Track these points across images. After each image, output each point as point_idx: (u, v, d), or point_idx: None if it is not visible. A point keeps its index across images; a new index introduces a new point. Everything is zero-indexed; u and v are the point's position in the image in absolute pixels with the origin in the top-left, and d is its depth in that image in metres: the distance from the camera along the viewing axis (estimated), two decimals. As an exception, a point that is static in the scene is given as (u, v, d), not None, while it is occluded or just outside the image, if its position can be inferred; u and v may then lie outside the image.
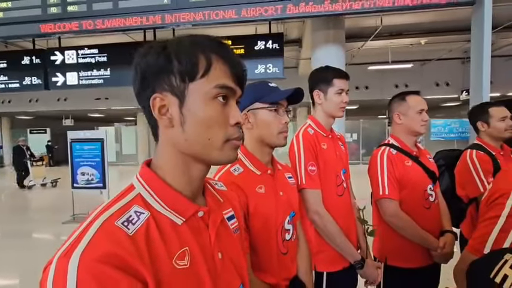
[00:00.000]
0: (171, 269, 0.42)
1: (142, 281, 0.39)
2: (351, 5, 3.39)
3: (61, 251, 0.39)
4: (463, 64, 9.13)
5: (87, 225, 0.41)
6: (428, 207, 1.36)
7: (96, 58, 4.97)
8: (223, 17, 3.71)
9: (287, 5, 3.51)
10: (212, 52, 0.47)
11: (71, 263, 0.36)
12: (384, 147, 1.42)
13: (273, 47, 4.68)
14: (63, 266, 0.37)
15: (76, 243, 0.38)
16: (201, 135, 0.47)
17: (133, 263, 0.39)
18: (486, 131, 1.71)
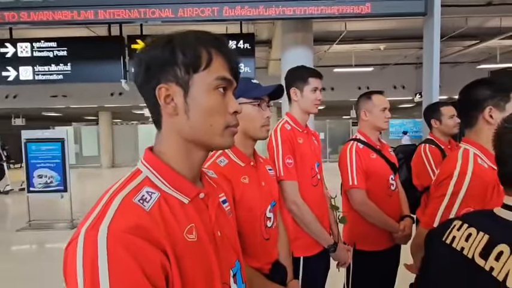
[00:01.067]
0: (184, 242, 0.47)
1: (163, 252, 0.43)
2: (283, 10, 3.54)
3: (86, 224, 0.41)
4: (417, 69, 10.00)
5: (107, 202, 0.44)
6: (390, 196, 1.52)
7: (55, 52, 4.62)
8: (159, 16, 3.60)
9: (223, 7, 3.54)
10: (213, 47, 0.51)
11: (100, 234, 0.39)
12: (352, 142, 1.55)
13: (245, 47, 4.75)
14: (93, 238, 0.39)
15: (101, 217, 0.41)
16: (204, 122, 0.51)
17: (155, 235, 0.42)
18: (438, 127, 1.94)
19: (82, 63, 4.62)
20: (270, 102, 0.99)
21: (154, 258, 0.41)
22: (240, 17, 3.61)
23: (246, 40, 4.75)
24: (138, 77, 0.52)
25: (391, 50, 8.28)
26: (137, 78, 0.52)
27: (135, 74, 0.53)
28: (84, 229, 0.41)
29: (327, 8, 3.57)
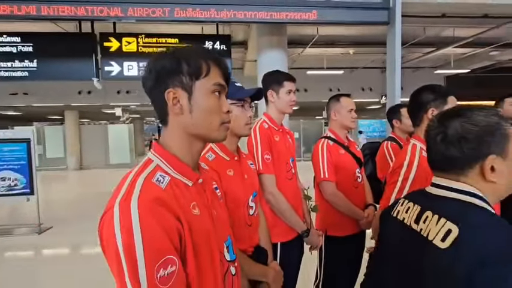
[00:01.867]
0: (191, 214, 0.58)
1: (178, 219, 0.55)
2: (234, 14, 3.68)
3: (118, 198, 0.52)
4: (382, 73, 10.66)
5: (132, 181, 0.55)
6: (357, 187, 1.70)
7: (19, 47, 4.38)
8: (107, 14, 3.59)
9: (175, 9, 3.62)
10: (210, 59, 0.63)
11: (132, 204, 0.51)
12: (323, 140, 1.72)
13: (221, 48, 4.82)
14: (126, 207, 0.50)
15: (130, 192, 0.52)
16: (205, 120, 0.63)
17: (172, 206, 0.54)
18: (399, 126, 2.19)
19: (49, 60, 4.43)
20: (251, 103, 1.11)
21: (172, 223, 0.53)
22: (191, 18, 3.65)
23: (223, 41, 4.84)
24: (147, 83, 0.63)
25: (360, 55, 8.77)
26: (147, 84, 0.63)
27: (144, 80, 0.63)
28: (118, 201, 0.52)
29: (276, 13, 3.74)
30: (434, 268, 0.59)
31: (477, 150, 0.61)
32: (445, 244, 0.58)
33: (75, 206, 6.28)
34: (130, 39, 4.66)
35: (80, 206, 6.18)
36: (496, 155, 0.61)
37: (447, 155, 0.64)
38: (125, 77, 4.70)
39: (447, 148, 0.64)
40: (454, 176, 0.65)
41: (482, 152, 0.61)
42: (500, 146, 0.61)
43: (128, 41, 4.66)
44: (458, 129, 0.63)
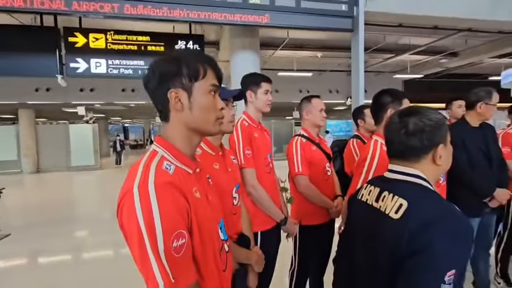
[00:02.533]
0: (194, 197, 0.67)
1: (186, 200, 0.64)
2: (187, 13, 3.58)
3: (136, 182, 0.60)
4: (348, 76, 11.28)
5: (145, 168, 0.63)
6: (327, 180, 1.88)
7: (-33, 40, 4.02)
8: (49, 7, 3.38)
9: (124, 5, 3.53)
10: (206, 63, 0.72)
11: (149, 186, 0.59)
12: (297, 137, 1.87)
13: (194, 47, 4.82)
14: (145, 189, 0.58)
15: (146, 177, 0.60)
16: (203, 116, 0.72)
17: (181, 188, 0.63)
18: (363, 126, 2.41)
19: (5, 54, 4.11)
20: (233, 102, 1.21)
21: (182, 203, 0.62)
22: (142, 16, 3.58)
23: (196, 41, 4.84)
24: (150, 83, 0.70)
25: (327, 58, 9.22)
26: (149, 84, 0.71)
27: (147, 81, 0.71)
28: (136, 185, 0.60)
29: (230, 15, 3.75)
30: (389, 234, 0.74)
31: (432, 140, 0.78)
32: (398, 215, 0.73)
33: (34, 212, 5.87)
34: (98, 35, 4.49)
35: (39, 211, 5.81)
36: (443, 144, 0.78)
37: (409, 145, 0.80)
38: (93, 74, 4.51)
39: (409, 139, 0.79)
40: (408, 163, 0.81)
41: (435, 141, 0.78)
42: (445, 136, 0.78)
43: (95, 37, 4.48)
44: (418, 124, 0.78)
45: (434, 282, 0.62)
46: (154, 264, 0.58)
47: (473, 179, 1.98)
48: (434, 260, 0.63)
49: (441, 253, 0.63)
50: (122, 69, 4.56)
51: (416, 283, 0.65)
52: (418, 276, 0.65)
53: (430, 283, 0.63)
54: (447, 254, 0.63)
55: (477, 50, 8.25)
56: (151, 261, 0.58)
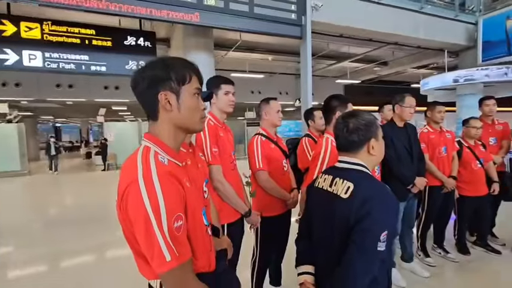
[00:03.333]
0: (186, 186, 0.76)
1: (182, 187, 0.72)
2: (107, 5, 3.56)
3: (139, 174, 0.66)
4: (296, 79, 12.00)
5: (145, 161, 0.71)
6: (284, 174, 2.07)
7: None
8: None
9: None
10: (191, 69, 0.81)
11: (153, 176, 0.67)
12: (257, 136, 2.03)
13: (145, 44, 4.68)
14: (149, 178, 0.66)
15: (148, 168, 0.67)
16: (190, 115, 0.81)
17: (177, 177, 0.71)
18: (313, 125, 2.68)
19: None
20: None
21: (180, 189, 0.71)
22: (57, 4, 3.38)
23: (147, 38, 4.69)
24: (140, 86, 0.78)
25: (277, 62, 9.68)
26: (139, 87, 0.78)
27: (136, 83, 0.78)
28: (140, 175, 0.68)
29: (156, 10, 3.75)
30: (341, 210, 0.93)
31: (366, 136, 1.00)
32: (347, 195, 0.93)
33: None
34: (32, 25, 4.04)
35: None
36: (374, 138, 1.00)
37: (350, 140, 1.01)
38: (26, 67, 4.05)
39: (350, 135, 1.00)
40: (351, 154, 1.02)
41: (368, 136, 1.00)
42: (376, 132, 1.01)
43: (28, 26, 4.02)
44: (356, 124, 1.00)
45: (373, 240, 0.83)
46: (161, 242, 0.67)
47: (399, 171, 2.39)
48: (373, 224, 0.84)
49: (377, 219, 0.85)
50: (62, 63, 4.18)
51: (360, 243, 0.85)
52: (362, 238, 0.85)
53: (370, 242, 0.84)
54: (381, 220, 0.85)
55: (402, 61, 9.58)
56: (158, 239, 0.67)
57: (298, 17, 4.73)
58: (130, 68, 4.48)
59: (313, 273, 1.07)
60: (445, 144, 2.79)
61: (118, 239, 3.07)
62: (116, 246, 3.54)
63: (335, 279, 0.89)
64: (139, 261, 0.78)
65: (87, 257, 3.39)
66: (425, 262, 2.83)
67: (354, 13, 5.48)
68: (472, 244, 3.15)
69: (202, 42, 4.90)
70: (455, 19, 6.76)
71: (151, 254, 0.68)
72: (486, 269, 2.73)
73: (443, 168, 2.75)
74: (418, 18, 6.27)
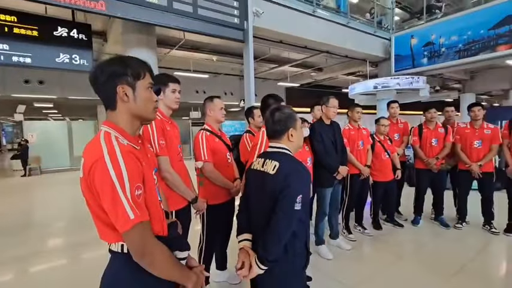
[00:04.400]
0: (143, 164, 0.89)
1: (141, 165, 0.86)
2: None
3: (105, 151, 0.79)
4: (240, 80, 12.34)
5: (108, 142, 0.84)
6: (228, 166, 2.29)
7: None
8: None
9: None
10: (144, 67, 0.96)
11: (117, 153, 0.80)
12: (202, 131, 2.20)
13: (79, 37, 4.39)
14: (114, 155, 0.79)
15: (112, 147, 0.81)
16: (144, 106, 0.95)
17: (137, 156, 0.84)
18: (253, 122, 2.95)
19: None
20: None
21: (139, 165, 0.85)
22: None
23: (81, 30, 4.40)
24: (99, 80, 0.89)
25: (222, 62, 9.84)
26: (98, 80, 0.90)
27: (95, 77, 0.90)
28: (106, 153, 0.80)
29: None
30: (270, 184, 1.18)
31: (286, 125, 1.27)
32: (274, 171, 1.19)
33: None
34: None
35: None
36: (293, 128, 1.29)
37: (275, 129, 1.27)
38: None
39: (275, 125, 1.26)
40: (277, 140, 1.29)
41: (288, 126, 1.27)
42: (294, 123, 1.29)
43: None
44: (278, 116, 1.27)
45: (292, 202, 1.10)
46: (125, 204, 0.81)
47: (326, 161, 2.83)
48: (291, 191, 1.12)
49: (295, 187, 1.12)
50: (-26, 52, 3.65)
51: (283, 205, 1.11)
52: (284, 201, 1.11)
53: (290, 203, 1.11)
54: (298, 187, 1.13)
55: (334, 68, 10.70)
56: (123, 203, 0.80)
57: (240, 22, 4.99)
58: (62, 61, 4.14)
59: (251, 240, 1.30)
60: (362, 139, 3.36)
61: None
62: (33, 260, 3.28)
63: (265, 235, 1.14)
64: (102, 228, 0.89)
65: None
66: (348, 238, 3.36)
67: (292, 22, 6.01)
68: (384, 221, 3.84)
69: (145, 39, 4.80)
70: (375, 34, 7.91)
71: (116, 216, 0.81)
72: (393, 239, 3.38)
73: (361, 159, 3.31)
74: (345, 31, 7.17)
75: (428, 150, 3.62)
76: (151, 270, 0.88)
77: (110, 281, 0.93)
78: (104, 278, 0.95)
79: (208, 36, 4.95)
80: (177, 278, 0.94)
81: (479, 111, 3.44)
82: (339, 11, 7.27)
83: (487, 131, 3.42)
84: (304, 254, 1.23)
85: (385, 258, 2.92)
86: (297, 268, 1.21)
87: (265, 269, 1.17)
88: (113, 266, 0.93)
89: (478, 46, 6.47)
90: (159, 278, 0.90)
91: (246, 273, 1.20)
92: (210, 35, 4.82)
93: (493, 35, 6.19)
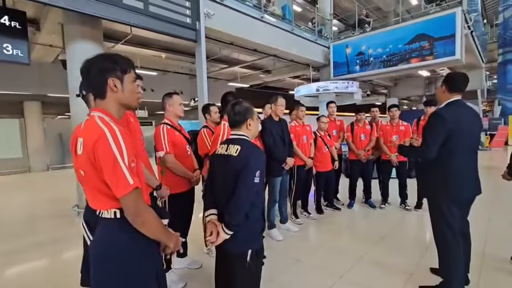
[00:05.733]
0: (135, 143, 1.06)
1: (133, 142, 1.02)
2: None
3: (106, 130, 0.94)
4: (190, 79, 12.23)
5: (106, 124, 0.98)
6: (187, 157, 2.45)
7: None
8: None
9: None
10: (129, 63, 1.13)
11: (116, 131, 0.96)
12: (162, 125, 2.33)
13: (12, 24, 4.00)
14: (114, 133, 0.95)
15: (110, 127, 0.96)
16: (130, 96, 1.11)
17: (129, 134, 1.00)
18: (210, 118, 3.15)
19: None
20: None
21: (132, 140, 1.01)
22: None
23: (14, 17, 4.01)
24: (92, 73, 1.04)
25: (171, 60, 9.67)
26: (91, 73, 1.04)
27: (88, 71, 1.04)
28: (107, 131, 0.95)
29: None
30: (233, 164, 1.43)
31: (244, 117, 1.54)
32: (236, 153, 1.44)
33: None
34: None
35: None
36: (250, 119, 1.56)
37: (236, 119, 1.53)
38: None
39: (235, 116, 1.52)
40: (237, 129, 1.55)
41: (246, 117, 1.54)
42: (251, 115, 1.57)
43: None
44: (238, 109, 1.53)
45: (251, 176, 1.37)
46: (126, 172, 0.97)
47: (276, 153, 3.18)
48: (251, 168, 1.39)
49: (254, 165, 1.39)
50: None
51: (244, 179, 1.38)
52: (245, 176, 1.38)
53: (249, 177, 1.37)
54: (255, 165, 1.40)
55: (281, 71, 11.39)
56: (123, 171, 0.96)
57: (193, 22, 5.10)
58: (-9, 51, 3.73)
59: (217, 214, 1.53)
60: (306, 134, 3.82)
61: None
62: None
63: (230, 205, 1.39)
64: (100, 197, 1.03)
65: None
66: (296, 222, 3.79)
67: (242, 26, 6.33)
68: (325, 206, 4.39)
69: (89, 32, 4.56)
70: (316, 42, 8.74)
71: (117, 183, 0.97)
72: (333, 221, 3.92)
73: (305, 152, 3.77)
74: (291, 37, 7.78)
75: (358, 144, 4.29)
76: (142, 229, 1.05)
77: (105, 243, 1.06)
78: (95, 246, 1.08)
79: (161, 34, 4.94)
80: (162, 237, 1.12)
81: (396, 112, 4.22)
82: (285, 18, 7.85)
83: (402, 127, 4.21)
84: (261, 220, 1.51)
85: (325, 236, 3.41)
86: (255, 232, 1.48)
87: (231, 234, 1.41)
88: (105, 233, 1.07)
89: (398, 58, 7.69)
90: (148, 239, 1.07)
91: (214, 239, 1.42)
92: (163, 33, 4.83)
93: (408, 49, 7.45)
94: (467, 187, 1.97)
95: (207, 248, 2.97)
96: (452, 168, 1.94)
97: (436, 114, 1.94)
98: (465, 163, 1.96)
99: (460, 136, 1.88)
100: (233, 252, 1.46)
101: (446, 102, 2.02)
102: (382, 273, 2.49)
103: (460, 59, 6.80)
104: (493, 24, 22.82)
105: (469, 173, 1.99)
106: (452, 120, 1.86)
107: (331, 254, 2.90)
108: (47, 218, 4.59)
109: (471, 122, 1.96)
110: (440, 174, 1.97)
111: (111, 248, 1.05)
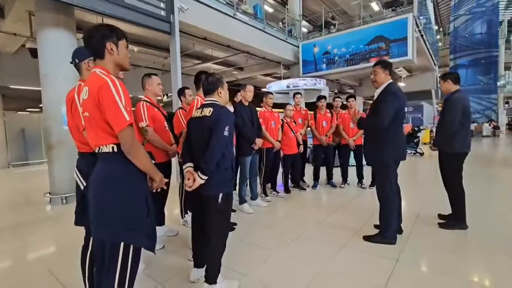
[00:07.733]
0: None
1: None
2: None
3: (107, 80, 1.22)
4: (163, 74, 12.20)
5: (107, 75, 1.26)
6: (166, 132, 2.72)
7: None
8: None
9: None
10: (123, 33, 1.41)
11: (116, 82, 1.25)
12: (142, 102, 2.58)
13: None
14: (114, 82, 1.24)
15: (111, 77, 1.23)
16: (124, 58, 1.40)
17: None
18: (185, 101, 3.41)
19: None
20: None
21: (127, 93, 1.29)
22: None
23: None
24: (94, 38, 1.30)
25: (144, 54, 9.66)
26: (94, 38, 1.31)
27: (90, 36, 1.30)
28: (109, 81, 1.22)
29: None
30: (207, 123, 1.76)
31: (216, 86, 1.87)
32: (209, 114, 1.77)
33: None
34: None
35: None
36: (221, 87, 1.89)
37: (209, 88, 1.86)
38: None
39: (208, 85, 1.85)
40: (211, 96, 1.87)
41: (217, 86, 1.87)
42: (221, 85, 1.90)
43: None
44: (210, 79, 1.86)
45: (222, 130, 1.70)
46: (123, 111, 1.23)
47: (246, 134, 3.53)
48: (222, 123, 1.72)
49: (224, 120, 1.72)
50: None
51: (216, 132, 1.70)
52: (217, 130, 1.70)
53: (220, 131, 1.70)
54: (225, 121, 1.73)
55: (253, 68, 11.79)
56: (122, 110, 1.22)
57: (167, 15, 5.30)
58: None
59: (193, 166, 1.84)
60: (274, 120, 4.22)
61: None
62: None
63: (205, 154, 1.71)
64: (100, 133, 1.28)
65: None
66: (265, 200, 4.17)
67: (215, 22, 6.61)
68: (292, 187, 4.83)
69: (63, 20, 4.59)
70: (286, 41, 9.25)
71: (117, 119, 1.23)
72: (298, 199, 4.35)
73: (273, 136, 4.16)
74: (262, 35, 8.19)
75: (321, 130, 4.78)
76: (135, 160, 1.33)
77: (105, 173, 1.32)
78: (96, 177, 1.34)
79: (136, 25, 5.07)
80: (150, 171, 1.41)
81: (353, 102, 4.76)
82: (256, 17, 8.25)
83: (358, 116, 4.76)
84: (230, 169, 1.84)
85: (292, 209, 3.82)
86: (226, 179, 1.81)
87: (205, 179, 1.73)
88: (105, 165, 1.33)
89: (359, 57, 8.42)
90: (139, 170, 1.36)
91: (191, 184, 1.73)
92: (138, 25, 4.98)
93: (368, 49, 8.20)
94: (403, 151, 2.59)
95: (182, 220, 3.24)
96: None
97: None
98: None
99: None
100: (207, 195, 1.78)
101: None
102: (336, 230, 2.94)
103: (412, 59, 7.64)
104: (446, 32, 25.00)
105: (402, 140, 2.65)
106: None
107: (296, 220, 3.31)
108: (19, 206, 4.53)
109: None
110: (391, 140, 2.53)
111: (110, 176, 1.32)
